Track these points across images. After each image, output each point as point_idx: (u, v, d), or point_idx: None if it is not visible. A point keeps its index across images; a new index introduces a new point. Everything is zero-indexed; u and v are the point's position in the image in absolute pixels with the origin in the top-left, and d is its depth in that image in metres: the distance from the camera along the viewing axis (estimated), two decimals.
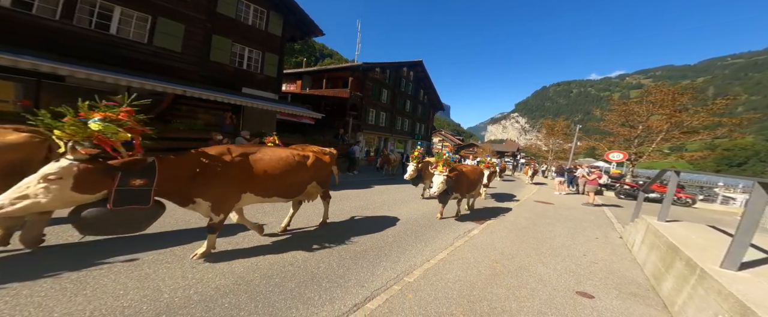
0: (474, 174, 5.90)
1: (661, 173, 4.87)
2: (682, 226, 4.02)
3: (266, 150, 3.15)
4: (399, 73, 27.02)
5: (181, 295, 2.21)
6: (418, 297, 2.56)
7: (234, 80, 11.64)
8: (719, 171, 69.28)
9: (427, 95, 33.04)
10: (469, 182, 5.54)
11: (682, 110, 14.90)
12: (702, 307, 2.18)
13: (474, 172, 5.97)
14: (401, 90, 27.85)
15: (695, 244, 3.09)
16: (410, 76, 29.07)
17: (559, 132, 26.63)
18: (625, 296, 2.86)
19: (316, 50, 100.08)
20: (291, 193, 3.38)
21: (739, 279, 2.22)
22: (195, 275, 2.53)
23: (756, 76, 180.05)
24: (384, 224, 4.70)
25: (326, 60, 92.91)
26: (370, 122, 24.15)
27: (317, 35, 14.59)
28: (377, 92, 24.34)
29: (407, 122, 29.98)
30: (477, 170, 6.27)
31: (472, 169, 6.02)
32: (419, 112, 32.12)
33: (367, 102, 22.92)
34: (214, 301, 2.19)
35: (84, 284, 2.20)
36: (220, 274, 2.60)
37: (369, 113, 23.72)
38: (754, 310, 1.63)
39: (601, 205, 9.37)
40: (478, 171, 6.23)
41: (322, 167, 3.85)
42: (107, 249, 2.73)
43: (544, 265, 3.53)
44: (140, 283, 2.30)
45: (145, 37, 9.07)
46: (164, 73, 9.17)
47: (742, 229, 2.32)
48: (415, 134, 31.76)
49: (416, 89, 30.72)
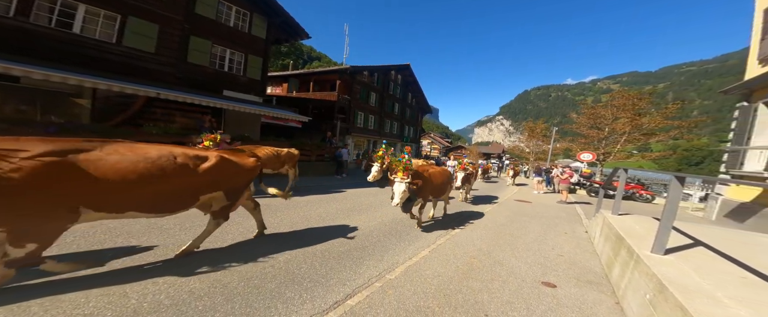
0: (441, 177, 5.26)
1: (614, 172, 5.35)
2: (631, 219, 4.42)
3: (118, 147, 2.27)
4: (387, 77, 27.39)
5: (150, 300, 2.15)
6: (398, 292, 2.66)
7: (214, 83, 11.29)
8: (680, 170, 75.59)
9: (416, 98, 33.67)
10: (434, 187, 4.97)
11: (641, 114, 16.30)
12: (636, 289, 2.44)
13: (441, 175, 5.33)
14: (390, 93, 28.20)
15: (637, 234, 3.42)
16: (398, 80, 29.54)
17: (538, 134, 28.08)
18: (582, 284, 3.12)
19: (304, 53, 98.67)
20: (162, 206, 2.50)
21: (663, 262, 2.48)
22: (166, 279, 2.46)
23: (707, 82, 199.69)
24: (370, 225, 4.77)
25: (314, 63, 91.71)
26: (359, 125, 24.21)
27: (303, 38, 14.52)
28: (365, 95, 24.50)
29: (396, 124, 30.34)
30: (445, 173, 5.63)
31: (440, 171, 5.41)
32: (408, 115, 32.61)
33: (356, 105, 23.00)
34: (187, 304, 2.14)
35: (40, 293, 2.07)
36: (195, 277, 2.54)
37: (358, 116, 23.79)
38: (668, 287, 1.90)
39: (574, 203, 10.00)
40: (446, 174, 5.62)
41: (232, 175, 2.93)
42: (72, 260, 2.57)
43: (517, 259, 3.77)
44: (104, 290, 2.21)
45: (114, 37, 8.61)
46: (136, 75, 8.73)
47: (664, 217, 2.63)
48: (404, 137, 32.16)
49: (405, 92, 31.23)
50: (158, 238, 3.35)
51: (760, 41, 7.82)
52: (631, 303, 2.43)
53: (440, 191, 5.32)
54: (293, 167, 7.16)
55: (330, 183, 9.63)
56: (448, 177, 5.75)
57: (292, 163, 7.08)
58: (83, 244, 2.99)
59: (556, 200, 10.24)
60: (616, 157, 17.12)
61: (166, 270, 2.62)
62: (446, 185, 5.60)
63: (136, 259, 2.83)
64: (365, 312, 2.32)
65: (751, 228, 6.55)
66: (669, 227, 2.63)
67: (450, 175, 5.98)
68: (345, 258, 3.38)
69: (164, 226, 3.71)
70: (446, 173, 5.68)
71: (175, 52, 9.93)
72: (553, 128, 24.29)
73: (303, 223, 4.59)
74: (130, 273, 2.54)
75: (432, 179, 4.93)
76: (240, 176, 3.07)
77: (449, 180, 5.82)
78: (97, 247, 2.96)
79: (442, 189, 5.34)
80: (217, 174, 2.79)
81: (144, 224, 3.62)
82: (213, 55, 11.31)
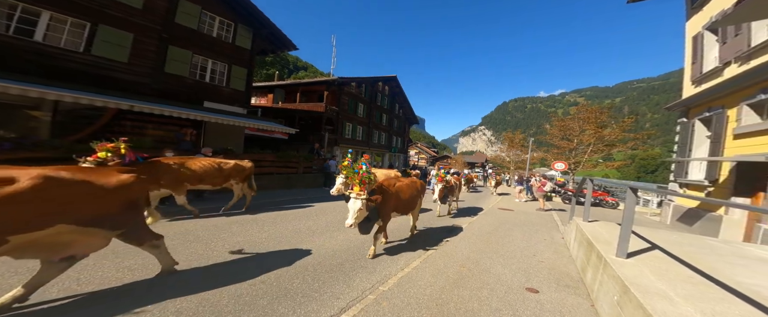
0: (409, 190, 4.59)
1: (583, 181, 5.89)
2: (599, 225, 4.72)
3: None
4: (375, 88, 28.00)
5: None
6: (392, 304, 2.70)
7: (194, 94, 10.87)
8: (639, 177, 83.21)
9: (403, 108, 34.54)
10: (400, 203, 4.29)
11: (603, 126, 18.05)
12: (606, 291, 2.66)
13: (409, 188, 4.64)
14: (377, 104, 28.75)
15: (604, 239, 3.71)
16: (386, 91, 30.27)
17: (517, 144, 29.80)
18: (562, 288, 3.35)
19: (290, 63, 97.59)
20: None
21: (626, 265, 2.74)
22: (150, 299, 2.35)
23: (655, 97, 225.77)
24: (360, 237, 4.71)
25: (300, 72, 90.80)
26: (347, 136, 24.24)
27: (291, 50, 14.55)
28: (353, 106, 24.75)
29: (384, 135, 30.76)
30: (414, 185, 4.92)
31: (408, 184, 4.70)
32: (395, 125, 33.27)
33: (344, 116, 23.11)
34: None
35: None
36: (180, 298, 2.44)
37: (346, 126, 23.87)
38: (630, 288, 2.17)
39: (551, 210, 10.68)
40: (415, 186, 4.90)
41: (77, 199, 2.10)
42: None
43: (502, 266, 3.96)
44: (82, 312, 2.09)
45: (82, 45, 8.09)
46: (106, 86, 8.20)
47: (624, 224, 2.97)
48: (393, 148, 32.62)
49: (392, 103, 31.98)
50: (140, 258, 3.15)
51: (692, 64, 9.15)
52: (603, 305, 2.68)
53: (407, 206, 4.57)
54: (243, 181, 6.10)
55: (318, 195, 9.48)
56: (418, 190, 5.01)
57: (240, 177, 6.03)
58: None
59: (535, 208, 10.87)
60: (584, 166, 18.64)
61: (147, 290, 2.51)
62: (416, 199, 4.89)
63: (113, 279, 2.65)
64: None
65: (698, 231, 7.41)
66: (628, 233, 2.98)
67: (421, 187, 5.26)
68: (337, 271, 3.37)
69: None
70: (415, 185, 4.97)
71: (151, 62, 9.52)
72: (529, 139, 25.98)
73: (292, 237, 4.49)
74: (110, 294, 2.38)
75: (399, 194, 4.22)
76: (99, 200, 2.21)
77: (419, 193, 5.09)
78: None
79: (409, 204, 4.61)
80: (70, 199, 2.04)
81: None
82: (193, 65, 10.96)
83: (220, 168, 5.71)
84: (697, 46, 8.89)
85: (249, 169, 6.34)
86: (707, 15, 8.42)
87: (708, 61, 8.45)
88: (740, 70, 6.86)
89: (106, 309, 2.24)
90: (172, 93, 10.07)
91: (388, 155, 31.81)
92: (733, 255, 3.52)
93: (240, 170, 6.12)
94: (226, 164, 5.89)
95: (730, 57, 7.31)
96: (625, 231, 2.95)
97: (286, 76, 54.22)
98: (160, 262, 2.84)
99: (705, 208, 7.73)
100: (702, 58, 8.60)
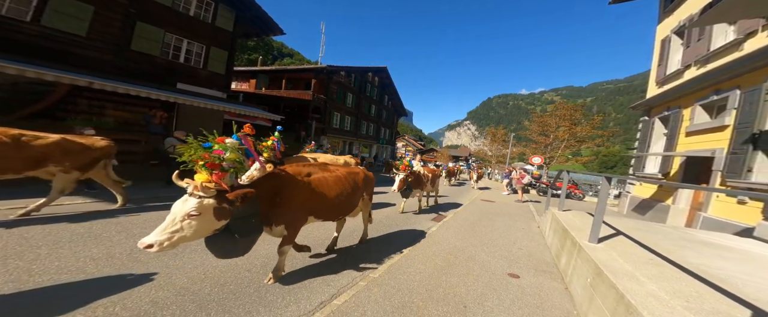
0: (339, 186, 3.06)
1: (559, 174, 6.29)
2: (572, 214, 5.07)
3: None
4: (364, 78, 27.33)
5: (102, 313, 1.92)
6: (383, 290, 2.74)
7: (166, 74, 9.91)
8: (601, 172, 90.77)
9: (392, 100, 34.22)
10: (319, 203, 2.84)
11: (577, 123, 19.30)
12: (580, 274, 2.84)
13: (340, 182, 3.10)
14: (366, 95, 28.16)
15: (577, 226, 3.98)
16: (375, 81, 29.68)
17: (499, 139, 31.00)
18: (539, 273, 3.62)
19: (274, 48, 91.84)
20: None
21: (598, 250, 2.95)
22: (121, 290, 2.21)
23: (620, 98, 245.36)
24: (350, 225, 4.71)
25: (285, 59, 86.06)
26: (335, 126, 23.67)
27: (277, 34, 13.63)
28: (342, 95, 24.07)
29: (372, 126, 30.40)
30: (350, 177, 3.31)
31: (340, 177, 3.16)
32: (384, 117, 32.96)
33: (332, 105, 22.44)
34: (151, 315, 1.97)
35: None
36: (157, 287, 2.31)
37: (334, 116, 23.23)
38: (603, 270, 2.39)
39: (528, 201, 11.37)
40: (350, 181, 3.27)
41: None
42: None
43: (486, 254, 4.17)
44: (37, 307, 1.85)
45: (29, 14, 7.03)
46: (60, 61, 7.21)
47: (597, 212, 3.25)
48: (381, 139, 32.43)
49: (381, 94, 31.50)
50: (96, 247, 2.88)
51: (658, 66, 9.93)
52: (576, 287, 2.93)
53: (337, 208, 3.10)
54: (73, 170, 3.80)
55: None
56: (356, 185, 3.38)
57: (72, 163, 3.77)
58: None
59: (514, 200, 11.50)
60: (558, 160, 19.95)
61: (116, 281, 2.33)
62: (353, 199, 3.32)
63: (72, 270, 2.41)
64: (352, 310, 2.35)
65: (649, 219, 8.31)
66: (600, 221, 3.25)
67: (365, 180, 3.64)
68: (326, 258, 3.36)
69: (103, 234, 3.19)
70: (353, 177, 3.36)
71: (114, 38, 8.52)
72: (510, 134, 27.15)
73: None
74: (73, 287, 2.17)
75: (318, 190, 2.78)
76: None
77: (359, 189, 3.48)
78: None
79: (340, 206, 3.10)
80: None
81: (74, 232, 3.02)
82: (166, 44, 9.95)
83: (20, 144, 3.31)
84: (664, 49, 9.63)
85: (100, 150, 4.11)
86: (677, 19, 9.08)
87: (672, 63, 9.20)
88: (698, 72, 7.55)
89: (71, 301, 2.02)
90: (140, 72, 9.10)
91: (376, 146, 31.68)
92: (681, 239, 3.99)
93: (65, 151, 3.67)
94: (37, 138, 3.48)
95: (691, 60, 8.01)
96: (598, 218, 3.21)
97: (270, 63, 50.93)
98: None
99: (656, 199, 8.65)
100: (667, 61, 9.35)
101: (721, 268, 2.72)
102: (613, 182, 20.42)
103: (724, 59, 6.68)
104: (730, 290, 2.10)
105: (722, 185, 6.07)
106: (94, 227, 3.51)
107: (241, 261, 2.97)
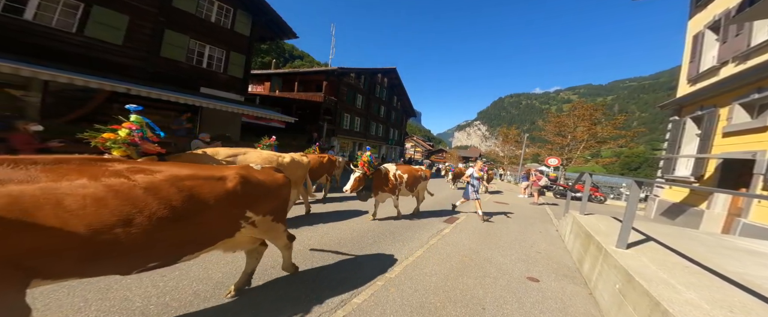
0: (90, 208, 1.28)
1: (581, 176, 6.04)
2: (595, 218, 4.92)
3: None
4: (374, 79, 27.52)
5: (155, 302, 2.14)
6: (400, 290, 2.78)
7: (190, 79, 10.50)
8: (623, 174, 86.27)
9: (401, 101, 34.20)
10: (178, 235, 1.59)
11: (597, 123, 18.45)
12: (607, 280, 2.78)
13: (96, 202, 1.31)
14: (376, 96, 28.35)
15: (602, 231, 3.86)
16: (384, 83, 29.81)
17: (511, 140, 30.15)
18: (561, 277, 3.51)
19: (286, 51, 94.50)
20: None
21: (626, 256, 2.85)
22: (167, 283, 2.43)
23: (644, 96, 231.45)
24: (363, 227, 4.82)
25: (297, 61, 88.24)
26: (345, 127, 23.98)
27: (291, 38, 14.13)
28: (352, 96, 24.38)
29: (381, 127, 30.54)
30: (141, 192, 1.44)
31: (96, 196, 1.31)
32: (393, 118, 33.01)
33: (342, 107, 22.77)
34: (194, 306, 2.17)
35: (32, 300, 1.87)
36: (197, 280, 2.53)
37: (344, 117, 23.56)
38: (634, 276, 2.29)
39: (544, 204, 10.98)
40: (270, 184, 2.21)
41: None
42: None
43: (503, 256, 4.09)
44: (102, 295, 2.17)
45: (74, 26, 7.73)
46: (98, 68, 7.87)
47: (626, 217, 3.11)
48: (390, 140, 32.53)
49: (390, 95, 31.58)
50: None
51: (689, 63, 9.31)
52: (602, 293, 2.81)
53: (108, 251, 1.36)
54: None
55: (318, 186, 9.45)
56: (198, 202, 1.66)
57: None
58: None
59: (529, 202, 11.15)
60: (576, 162, 19.13)
61: (162, 275, 2.55)
62: (279, 203, 2.36)
63: None
64: (372, 309, 2.41)
65: (680, 224, 7.79)
66: (630, 226, 3.10)
67: (236, 192, 1.90)
68: (343, 259, 3.43)
69: None
70: (189, 190, 1.64)
71: (146, 45, 9.15)
72: (524, 135, 26.33)
73: (293, 228, 4.47)
74: (121, 278, 2.40)
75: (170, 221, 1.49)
76: None
77: (218, 207, 1.81)
78: None
79: (208, 235, 1.81)
80: None
81: None
82: (190, 50, 10.55)
83: None
84: (696, 45, 9.01)
85: None
86: (711, 14, 8.48)
87: (706, 60, 8.59)
88: (737, 69, 7.01)
89: (119, 291, 2.24)
90: (167, 78, 9.71)
91: (385, 147, 31.77)
92: (720, 246, 3.73)
93: None
94: None
95: (728, 56, 7.45)
96: (627, 223, 3.07)
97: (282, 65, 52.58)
98: None
99: (688, 203, 8.10)
100: (700, 57, 8.74)
101: (767, 278, 2.52)
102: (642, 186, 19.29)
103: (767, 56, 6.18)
104: None
105: (765, 190, 5.60)
106: None
107: (268, 259, 3.05)
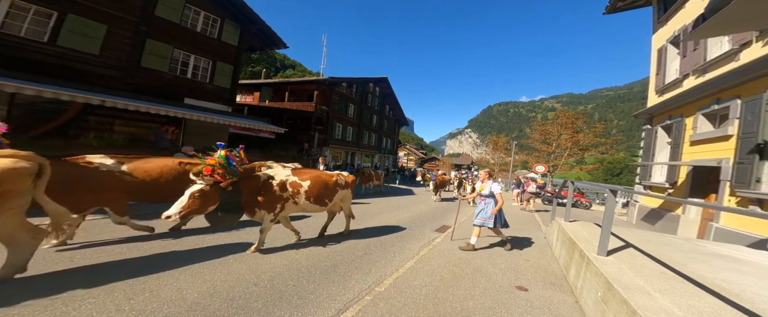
0: None
1: (564, 183, 6.25)
2: (579, 225, 4.97)
3: None
4: (365, 89, 27.86)
5: None
6: (390, 304, 2.71)
7: (174, 90, 10.23)
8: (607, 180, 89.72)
9: (393, 110, 34.66)
10: None
11: (579, 131, 19.31)
12: (590, 288, 2.80)
13: None
14: (368, 105, 28.60)
15: (585, 238, 3.93)
16: (376, 92, 30.22)
17: (501, 147, 30.96)
18: (548, 286, 3.53)
19: (277, 61, 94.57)
20: None
21: (607, 263, 2.90)
22: (133, 307, 2.21)
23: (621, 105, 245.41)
24: (354, 238, 4.74)
25: (288, 71, 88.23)
26: (337, 137, 23.92)
27: (281, 48, 14.16)
28: (344, 106, 24.48)
29: (374, 136, 30.67)
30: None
31: None
32: (385, 126, 33.28)
33: (334, 116, 22.77)
34: None
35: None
36: (167, 303, 2.32)
37: (336, 127, 23.53)
38: (613, 284, 2.34)
39: (532, 210, 11.22)
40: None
41: None
42: None
43: (492, 266, 4.10)
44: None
45: (46, 35, 7.41)
46: (73, 79, 7.54)
47: (604, 224, 3.20)
48: (383, 149, 32.63)
49: (382, 104, 31.97)
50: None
51: (656, 75, 10.02)
52: (587, 301, 2.86)
53: None
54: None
55: None
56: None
57: None
58: None
59: (518, 208, 11.38)
60: (561, 169, 19.81)
61: (129, 297, 2.33)
62: None
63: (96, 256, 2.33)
64: None
65: (659, 229, 8.13)
66: (609, 233, 3.21)
67: None
68: (332, 272, 3.33)
69: None
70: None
71: (125, 55, 8.87)
72: (512, 142, 27.12)
73: (284, 238, 4.37)
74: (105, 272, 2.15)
75: None
76: None
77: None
78: None
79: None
80: None
81: None
82: (174, 60, 10.32)
83: None
84: (661, 59, 9.75)
85: None
86: (671, 29, 9.25)
87: (670, 72, 9.29)
88: (697, 82, 7.61)
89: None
90: (149, 88, 9.41)
91: (378, 155, 31.84)
92: (694, 251, 3.90)
93: None
94: None
95: (689, 69, 8.09)
96: (606, 231, 3.17)
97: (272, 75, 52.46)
98: None
99: (665, 208, 8.50)
100: (665, 70, 9.45)
101: (736, 282, 2.65)
102: (620, 192, 20.18)
103: (721, 69, 6.75)
104: (745, 306, 2.05)
105: (731, 196, 5.97)
106: None
107: (250, 276, 2.97)
